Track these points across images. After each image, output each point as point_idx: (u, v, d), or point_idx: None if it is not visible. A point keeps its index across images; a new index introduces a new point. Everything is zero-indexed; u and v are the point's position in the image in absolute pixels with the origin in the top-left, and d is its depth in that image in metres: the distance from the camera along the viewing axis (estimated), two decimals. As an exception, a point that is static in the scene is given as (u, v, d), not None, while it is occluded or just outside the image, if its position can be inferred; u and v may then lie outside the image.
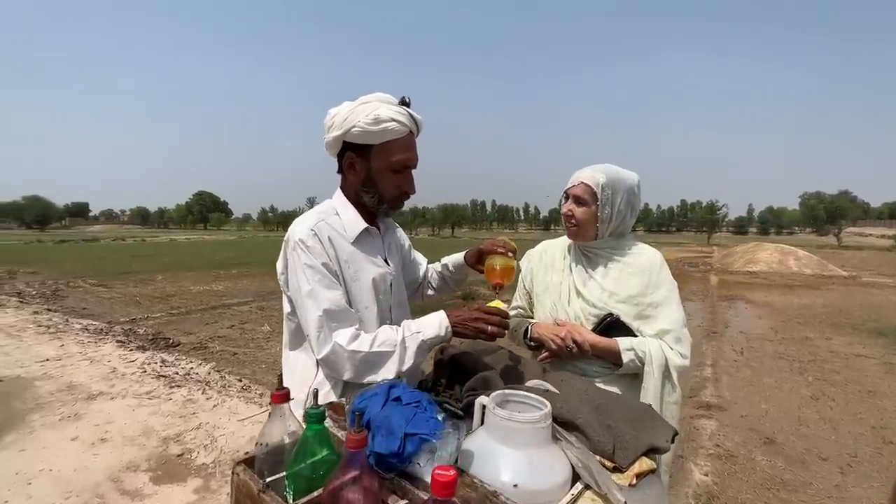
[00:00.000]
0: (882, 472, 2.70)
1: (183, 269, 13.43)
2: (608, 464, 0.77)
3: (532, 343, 1.39)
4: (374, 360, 1.02)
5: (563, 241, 1.47)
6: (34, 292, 8.99)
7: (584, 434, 0.77)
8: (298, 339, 1.14)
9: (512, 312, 1.55)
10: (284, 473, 0.69)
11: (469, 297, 7.74)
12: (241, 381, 4.04)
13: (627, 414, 0.88)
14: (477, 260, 1.31)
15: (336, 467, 0.61)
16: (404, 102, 1.11)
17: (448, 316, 1.06)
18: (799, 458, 2.87)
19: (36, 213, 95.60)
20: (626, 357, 1.20)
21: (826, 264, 15.15)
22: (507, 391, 0.82)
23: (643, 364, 1.20)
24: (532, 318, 1.48)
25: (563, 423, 0.80)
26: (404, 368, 1.03)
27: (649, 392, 1.19)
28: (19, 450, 2.73)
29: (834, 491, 2.53)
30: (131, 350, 4.93)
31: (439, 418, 0.72)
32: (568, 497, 0.69)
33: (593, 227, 1.31)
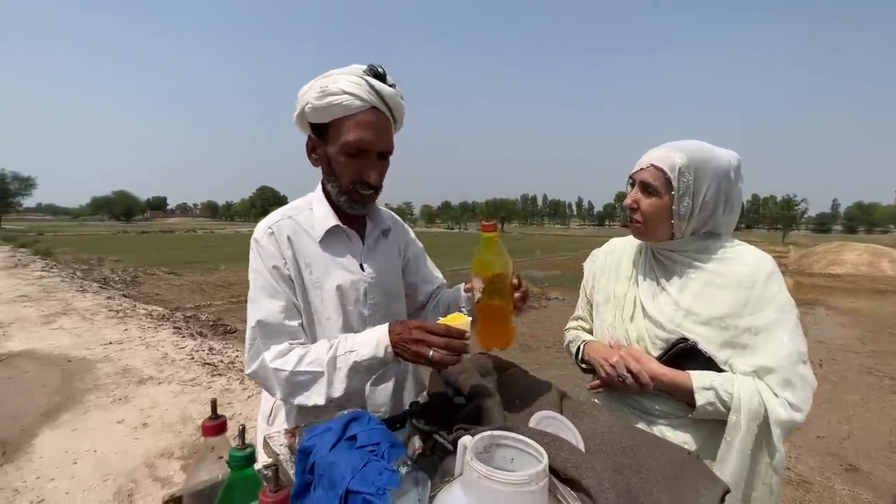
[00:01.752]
0: None
1: (244, 260, 14.14)
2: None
3: (584, 365, 1.15)
4: (300, 381, 0.87)
5: (635, 240, 1.16)
6: (117, 278, 10.04)
7: (592, 499, 0.58)
8: None
9: (571, 324, 1.31)
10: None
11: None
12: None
13: (661, 467, 0.68)
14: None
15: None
16: (376, 74, 0.91)
17: (390, 332, 0.86)
18: (889, 491, 2.51)
19: (123, 207, 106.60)
20: (702, 398, 0.90)
21: (929, 267, 13.36)
22: (496, 432, 0.64)
23: (728, 410, 0.89)
24: (591, 333, 1.22)
25: (567, 479, 0.62)
26: (336, 395, 0.86)
27: (734, 449, 0.88)
28: (72, 429, 2.91)
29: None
30: (184, 337, 5.19)
31: (402, 471, 0.56)
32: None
33: (666, 224, 0.99)
